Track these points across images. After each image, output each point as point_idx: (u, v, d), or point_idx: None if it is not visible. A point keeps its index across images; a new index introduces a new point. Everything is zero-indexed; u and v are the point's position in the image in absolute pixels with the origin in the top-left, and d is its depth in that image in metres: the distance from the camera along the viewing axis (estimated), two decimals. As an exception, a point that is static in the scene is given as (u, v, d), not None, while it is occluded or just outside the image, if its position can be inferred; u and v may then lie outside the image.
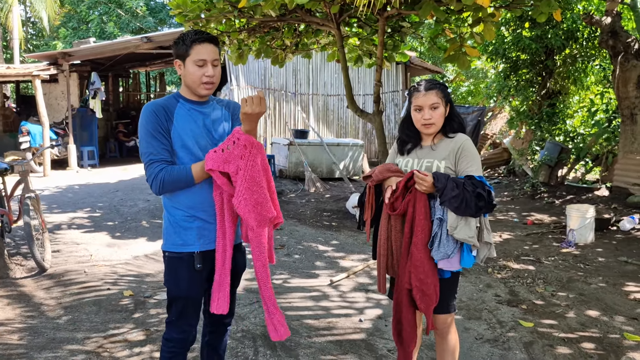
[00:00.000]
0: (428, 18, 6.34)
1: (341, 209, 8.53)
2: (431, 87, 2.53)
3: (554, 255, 5.82)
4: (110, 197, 9.37)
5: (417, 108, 2.55)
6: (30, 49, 26.67)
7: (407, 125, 2.65)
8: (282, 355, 3.40)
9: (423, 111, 2.53)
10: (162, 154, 2.27)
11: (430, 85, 2.54)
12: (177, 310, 2.39)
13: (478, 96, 19.05)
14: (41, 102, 12.11)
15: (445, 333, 2.61)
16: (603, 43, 8.67)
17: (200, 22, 6.96)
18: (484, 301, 4.38)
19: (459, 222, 2.36)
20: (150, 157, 2.26)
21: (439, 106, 2.52)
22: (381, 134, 7.63)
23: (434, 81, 2.59)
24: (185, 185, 2.27)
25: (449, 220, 2.37)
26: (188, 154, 2.31)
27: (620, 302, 4.37)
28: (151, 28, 23.60)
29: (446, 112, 2.56)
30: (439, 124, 2.55)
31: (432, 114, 2.51)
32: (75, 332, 3.71)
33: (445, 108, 2.55)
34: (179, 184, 2.25)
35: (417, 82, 2.63)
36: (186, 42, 2.30)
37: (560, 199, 8.96)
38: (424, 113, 2.52)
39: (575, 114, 12.03)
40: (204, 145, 2.34)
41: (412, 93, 2.58)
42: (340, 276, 5.02)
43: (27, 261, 5.36)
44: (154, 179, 2.25)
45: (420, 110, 2.54)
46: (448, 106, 2.56)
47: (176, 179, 2.24)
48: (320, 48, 8.33)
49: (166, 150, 2.28)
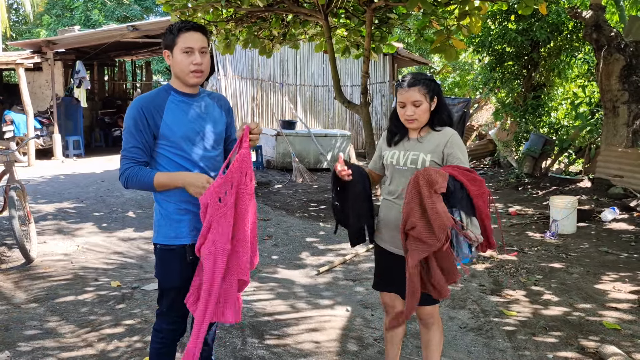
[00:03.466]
0: (415, 10, 6.38)
1: (328, 200, 8.57)
2: (414, 83, 2.49)
3: (537, 246, 5.93)
4: (96, 187, 9.32)
5: (400, 104, 2.53)
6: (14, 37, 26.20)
7: (395, 117, 2.62)
8: (270, 344, 3.44)
9: (406, 108, 2.51)
10: (135, 153, 2.31)
11: (413, 81, 2.50)
12: (167, 302, 2.42)
13: (464, 88, 19.17)
14: (25, 91, 11.95)
15: (430, 324, 2.66)
16: (587, 36, 8.77)
17: (187, 11, 6.92)
18: (469, 291, 4.46)
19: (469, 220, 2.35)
20: (124, 153, 2.33)
21: (421, 103, 2.48)
22: (368, 125, 7.67)
23: (419, 76, 2.54)
24: (148, 189, 2.33)
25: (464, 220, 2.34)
26: (181, 147, 2.33)
27: (600, 292, 4.48)
28: (137, 16, 23.29)
29: (432, 106, 2.53)
30: (423, 119, 2.52)
31: (414, 110, 2.49)
32: (63, 324, 3.72)
33: (431, 103, 2.51)
34: (142, 186, 2.31)
35: (403, 76, 2.59)
36: (173, 32, 2.31)
37: (544, 190, 9.09)
38: (406, 109, 2.51)
39: (559, 106, 12.17)
40: (196, 137, 2.36)
41: (397, 88, 2.56)
42: (328, 266, 5.08)
43: (12, 252, 5.33)
44: (121, 174, 2.32)
45: (403, 106, 2.52)
46: (435, 100, 2.53)
47: (139, 181, 2.30)
48: (308, 39, 8.33)
49: (141, 150, 2.31)
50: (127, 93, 19.80)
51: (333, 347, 3.42)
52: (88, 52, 14.58)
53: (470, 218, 2.34)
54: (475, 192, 2.34)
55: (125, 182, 2.32)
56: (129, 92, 20.00)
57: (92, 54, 14.83)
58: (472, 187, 2.33)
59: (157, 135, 2.31)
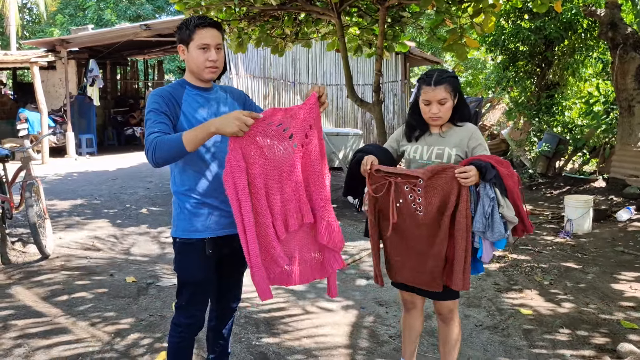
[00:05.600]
0: (429, 8, 6.35)
1: (340, 198, 8.56)
2: (441, 80, 2.46)
3: (551, 245, 5.89)
4: (109, 184, 9.38)
5: (425, 102, 2.51)
6: (27, 36, 26.48)
7: (416, 111, 2.60)
8: (285, 340, 3.45)
9: (431, 105, 2.50)
10: (161, 127, 2.20)
11: (439, 78, 2.47)
12: (186, 296, 2.42)
13: (476, 87, 19.05)
14: (39, 90, 12.06)
15: (449, 319, 2.65)
16: (602, 35, 8.68)
17: (200, 9, 6.94)
18: (484, 289, 4.44)
19: (504, 201, 2.35)
20: (149, 129, 2.21)
21: (447, 101, 2.48)
22: (381, 124, 7.65)
23: (444, 74, 2.51)
24: (178, 151, 2.11)
25: (499, 197, 2.33)
26: None
27: (616, 291, 4.44)
28: (149, 15, 23.44)
29: (454, 103, 2.52)
30: (447, 117, 2.52)
31: (440, 108, 2.48)
32: (79, 318, 3.75)
33: (454, 100, 2.51)
34: (171, 149, 2.11)
35: (427, 73, 2.55)
36: (189, 27, 2.32)
37: (558, 190, 9.03)
38: (431, 107, 2.49)
39: (574, 105, 12.06)
40: None
41: (421, 85, 2.52)
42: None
43: (28, 248, 5.38)
44: (148, 148, 2.15)
45: (428, 104, 2.51)
46: (457, 97, 2.53)
47: (168, 143, 2.11)
48: (320, 37, 8.32)
49: (166, 125, 2.23)
50: (139, 92, 19.91)
51: (348, 344, 3.42)
52: (101, 51, 14.69)
53: (504, 198, 2.34)
54: (504, 172, 2.35)
55: (153, 151, 2.12)
56: (141, 91, 20.12)
57: (105, 52, 14.94)
58: (501, 168, 2.35)
59: (176, 125, 2.30)
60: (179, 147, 2.10)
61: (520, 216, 2.39)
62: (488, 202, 2.33)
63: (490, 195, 2.33)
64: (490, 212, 2.32)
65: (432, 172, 2.38)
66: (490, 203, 2.32)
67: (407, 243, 2.53)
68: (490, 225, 2.32)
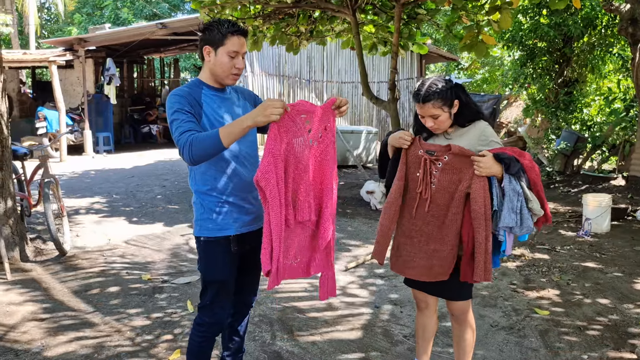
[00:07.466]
0: (445, 5, 6.29)
1: (355, 196, 8.54)
2: (428, 97, 2.41)
3: (569, 244, 5.81)
4: (126, 182, 9.47)
5: (419, 115, 2.51)
6: (45, 35, 26.82)
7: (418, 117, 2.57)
8: (299, 340, 3.44)
9: (425, 119, 2.49)
10: (191, 125, 2.22)
11: (427, 95, 2.41)
12: (211, 295, 2.43)
13: (493, 84, 18.86)
14: (57, 88, 12.21)
15: (462, 320, 2.63)
16: (622, 30, 8.52)
17: (215, 8, 6.97)
18: (499, 289, 4.39)
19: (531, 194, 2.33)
20: (180, 129, 2.20)
21: (439, 115, 2.43)
22: (396, 122, 7.61)
23: (432, 88, 2.42)
24: (214, 147, 2.14)
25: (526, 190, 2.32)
26: None
27: (636, 292, 4.36)
28: (165, 14, 23.62)
29: (454, 109, 2.46)
30: (445, 126, 2.49)
31: (434, 121, 2.46)
32: (95, 315, 3.79)
33: (451, 109, 2.45)
34: (208, 145, 2.13)
35: (417, 87, 2.48)
36: (222, 31, 2.31)
37: (576, 188, 8.90)
38: (426, 121, 2.49)
39: (592, 102, 11.87)
40: None
41: (413, 99, 2.50)
42: (355, 262, 5.06)
43: (46, 245, 5.45)
44: (183, 146, 2.15)
45: (422, 117, 2.50)
46: (456, 104, 2.45)
47: (205, 140, 2.13)
48: (335, 35, 8.30)
49: (195, 124, 2.24)
50: (155, 90, 20.06)
51: (362, 343, 3.41)
52: (118, 49, 14.82)
53: (530, 191, 2.32)
54: (527, 164, 2.35)
55: (190, 149, 2.13)
56: (158, 89, 20.27)
57: (121, 51, 15.07)
58: (524, 161, 2.34)
59: (199, 124, 2.29)
60: (217, 143, 2.13)
61: (543, 208, 2.38)
62: (516, 197, 2.30)
63: (517, 189, 2.30)
64: (520, 207, 2.30)
65: (460, 152, 2.39)
66: (519, 198, 2.30)
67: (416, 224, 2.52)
68: (520, 220, 2.31)
